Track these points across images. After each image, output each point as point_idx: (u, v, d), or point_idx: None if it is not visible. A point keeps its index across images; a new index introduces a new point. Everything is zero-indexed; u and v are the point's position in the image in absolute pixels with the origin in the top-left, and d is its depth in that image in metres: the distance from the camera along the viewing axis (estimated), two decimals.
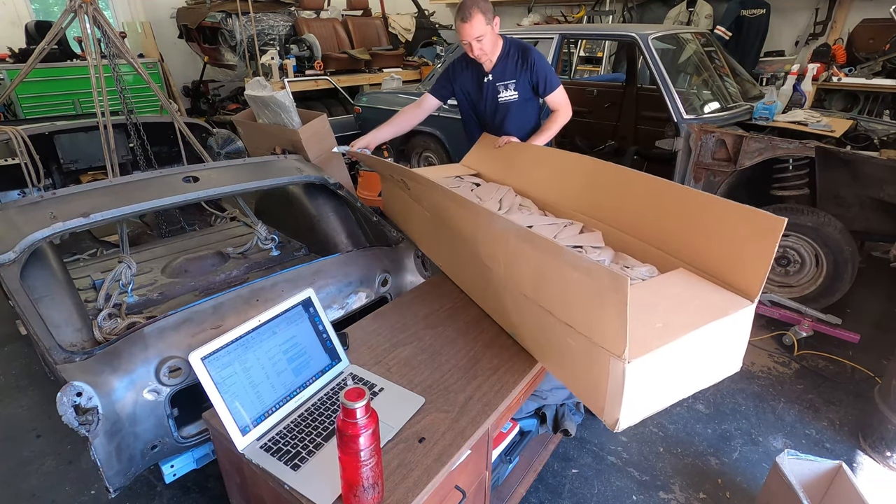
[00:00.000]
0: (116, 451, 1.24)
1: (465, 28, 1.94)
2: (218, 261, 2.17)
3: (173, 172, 1.92)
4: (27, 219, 1.55)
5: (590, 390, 1.06)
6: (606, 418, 1.03)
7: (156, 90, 2.77)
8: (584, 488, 1.78)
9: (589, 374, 1.04)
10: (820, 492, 1.52)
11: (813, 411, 2.08)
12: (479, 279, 1.49)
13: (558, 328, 1.10)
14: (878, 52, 4.43)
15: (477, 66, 2.16)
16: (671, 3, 5.45)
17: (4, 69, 4.55)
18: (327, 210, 2.23)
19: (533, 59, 2.09)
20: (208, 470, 1.69)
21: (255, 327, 1.14)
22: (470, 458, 1.14)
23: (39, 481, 1.81)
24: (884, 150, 2.39)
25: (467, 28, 1.93)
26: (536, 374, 1.33)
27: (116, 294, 1.74)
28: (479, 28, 1.93)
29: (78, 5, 2.39)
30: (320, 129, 3.22)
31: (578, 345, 1.04)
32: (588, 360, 1.03)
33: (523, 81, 2.12)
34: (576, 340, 1.04)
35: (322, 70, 5.36)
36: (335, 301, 1.71)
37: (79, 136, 3.03)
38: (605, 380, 0.99)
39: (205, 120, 5.47)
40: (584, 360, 1.05)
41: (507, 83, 2.13)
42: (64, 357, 1.27)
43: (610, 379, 0.97)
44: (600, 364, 0.98)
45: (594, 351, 0.99)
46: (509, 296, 1.31)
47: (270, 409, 1.11)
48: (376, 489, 0.91)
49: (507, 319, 1.41)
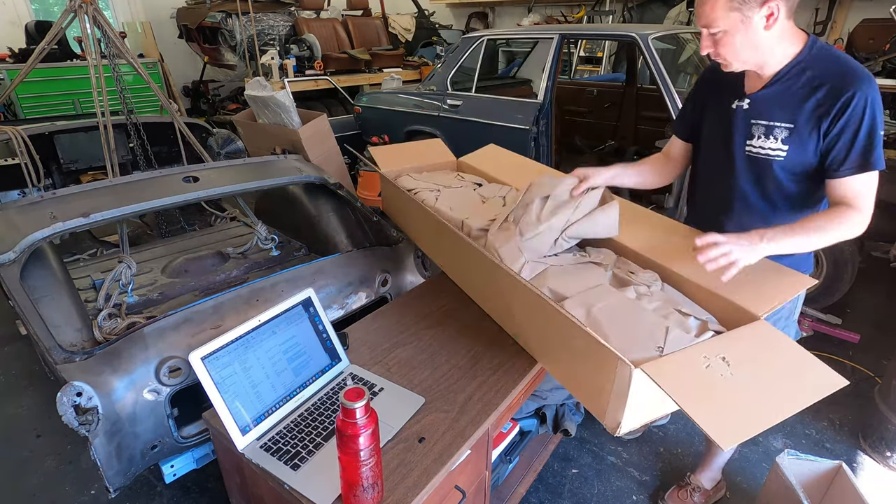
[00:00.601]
0: (116, 451, 1.24)
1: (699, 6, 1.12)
2: (218, 261, 2.17)
3: (173, 172, 1.92)
4: (27, 219, 1.55)
5: (592, 393, 1.07)
6: (608, 422, 1.03)
7: (156, 90, 2.77)
8: (584, 488, 1.78)
9: (594, 377, 1.04)
10: (820, 492, 1.52)
11: (813, 411, 2.08)
12: (482, 279, 1.49)
13: (566, 329, 1.10)
14: (878, 52, 4.43)
15: (734, 81, 1.25)
16: (671, 3, 5.45)
17: (4, 69, 4.55)
18: (327, 210, 2.23)
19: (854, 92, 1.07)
20: (208, 470, 1.69)
21: (255, 327, 1.14)
22: (470, 458, 1.14)
23: (39, 481, 1.81)
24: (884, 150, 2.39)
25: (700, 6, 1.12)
26: (536, 374, 1.33)
27: (116, 294, 1.74)
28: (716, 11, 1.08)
29: (78, 5, 2.39)
30: (320, 129, 3.23)
31: (586, 346, 1.04)
32: (594, 363, 1.03)
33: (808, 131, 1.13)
34: (583, 342, 1.04)
35: (322, 70, 5.36)
36: (335, 301, 1.71)
37: (79, 136, 3.03)
38: (609, 383, 0.99)
39: (205, 120, 5.47)
40: (589, 363, 1.05)
41: (773, 124, 1.17)
42: (64, 357, 1.27)
43: (615, 382, 0.97)
44: (607, 367, 0.98)
45: (601, 353, 0.99)
46: (515, 295, 1.31)
47: (270, 409, 1.11)
48: (376, 489, 0.91)
49: (509, 319, 1.41)
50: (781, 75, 1.15)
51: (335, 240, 2.18)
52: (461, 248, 1.52)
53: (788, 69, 1.14)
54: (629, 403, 0.96)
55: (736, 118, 1.23)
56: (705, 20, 1.11)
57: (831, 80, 1.09)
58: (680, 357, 0.98)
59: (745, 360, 0.97)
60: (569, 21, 6.22)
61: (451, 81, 3.71)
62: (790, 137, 1.15)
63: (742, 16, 1.06)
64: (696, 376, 0.93)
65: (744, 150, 1.22)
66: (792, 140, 1.15)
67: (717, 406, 0.87)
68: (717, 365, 0.95)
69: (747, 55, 1.13)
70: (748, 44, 1.10)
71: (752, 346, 1.02)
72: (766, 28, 1.08)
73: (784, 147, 1.16)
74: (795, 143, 1.15)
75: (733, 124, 1.24)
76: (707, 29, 1.12)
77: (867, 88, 1.07)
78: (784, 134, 1.16)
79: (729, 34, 1.09)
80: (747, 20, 1.07)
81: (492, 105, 3.48)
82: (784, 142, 1.16)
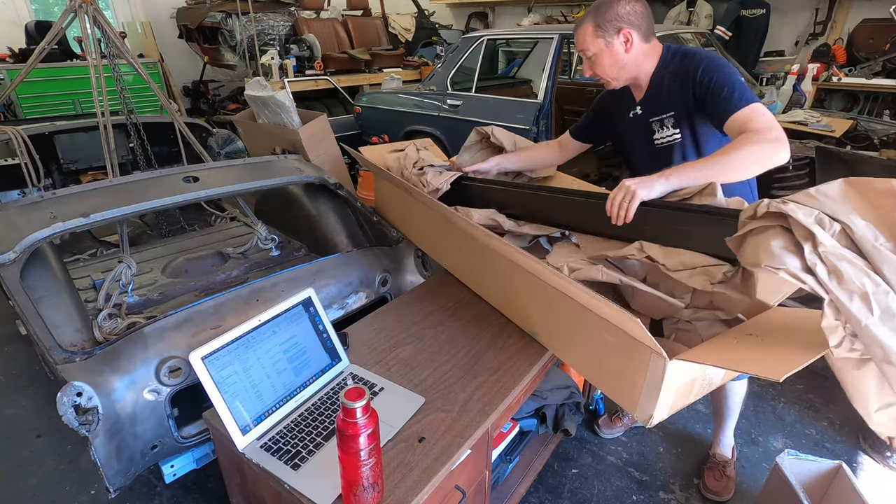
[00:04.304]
0: (116, 451, 1.24)
1: (575, 35, 1.44)
2: (218, 261, 2.17)
3: (173, 172, 1.92)
4: (27, 219, 1.55)
5: (622, 386, 1.07)
6: (639, 414, 1.03)
7: (156, 90, 2.77)
8: (584, 488, 1.78)
9: (624, 370, 1.05)
10: (820, 492, 1.52)
11: (813, 411, 2.08)
12: (494, 275, 1.49)
13: (594, 324, 1.10)
14: (878, 52, 4.43)
15: (627, 95, 1.53)
16: (671, 3, 5.46)
17: (4, 69, 4.55)
18: (327, 210, 2.23)
19: (696, 66, 1.34)
20: (208, 470, 1.69)
21: (256, 327, 1.14)
22: (470, 458, 1.14)
23: (39, 481, 1.81)
24: (884, 150, 2.40)
25: (575, 36, 1.44)
26: (536, 374, 1.33)
27: (116, 294, 1.74)
28: (587, 39, 1.39)
29: (78, 5, 2.39)
30: (320, 129, 3.22)
31: (617, 340, 1.05)
32: (626, 356, 1.04)
33: (687, 108, 1.39)
34: (614, 336, 1.05)
35: (322, 70, 5.36)
36: (335, 301, 1.71)
37: (79, 136, 3.03)
38: (642, 376, 0.99)
39: (205, 120, 5.46)
40: (620, 356, 1.06)
41: (662, 117, 1.44)
42: (64, 357, 1.27)
43: (648, 375, 0.98)
44: (639, 360, 0.99)
45: (633, 346, 1.00)
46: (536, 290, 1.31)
47: (271, 409, 1.11)
48: (376, 489, 0.91)
49: (524, 314, 1.41)
50: (652, 81, 1.45)
51: (335, 240, 2.17)
52: (469, 242, 1.52)
53: (655, 74, 1.44)
54: (662, 395, 0.97)
55: (637, 123, 1.52)
56: (580, 46, 1.42)
57: (682, 69, 1.38)
58: (709, 343, 1.01)
59: (772, 334, 0.99)
60: (569, 21, 6.23)
61: (450, 81, 3.71)
62: (677, 122, 1.43)
63: (605, 42, 1.38)
64: (732, 349, 0.96)
65: (654, 144, 1.49)
66: (679, 123, 1.42)
67: (758, 358, 0.90)
68: (747, 340, 0.98)
69: (618, 73, 1.43)
70: (615, 64, 1.41)
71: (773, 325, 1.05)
72: (627, 51, 1.38)
73: (676, 131, 1.44)
74: (682, 124, 1.42)
75: (639, 128, 1.52)
76: (583, 54, 1.43)
77: (705, 58, 1.35)
78: (671, 121, 1.44)
79: (599, 56, 1.40)
80: (610, 45, 1.38)
81: (492, 105, 3.49)
82: (674, 126, 1.44)
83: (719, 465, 1.77)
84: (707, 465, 1.80)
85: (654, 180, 1.21)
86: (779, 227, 0.88)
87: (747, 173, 1.22)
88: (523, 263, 1.29)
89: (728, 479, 1.74)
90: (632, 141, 1.57)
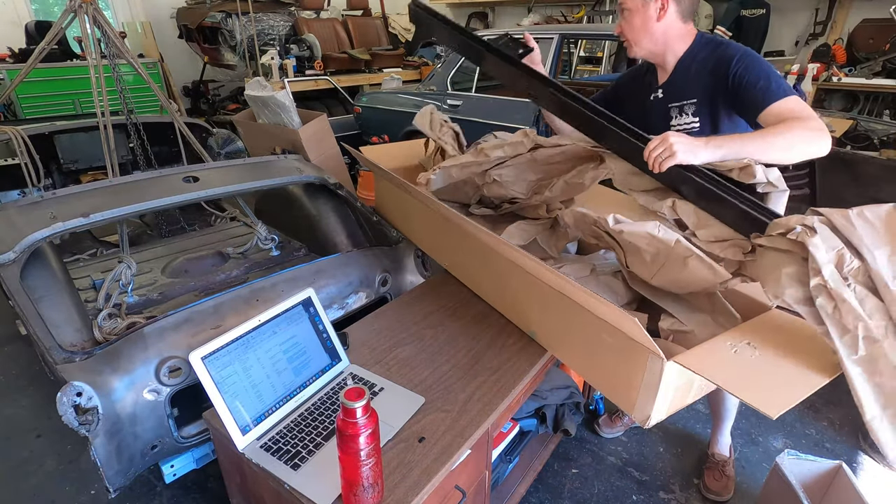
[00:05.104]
0: (116, 451, 1.24)
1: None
2: (218, 261, 2.17)
3: (173, 172, 1.92)
4: (27, 219, 1.55)
5: (620, 387, 1.08)
6: (637, 414, 1.03)
7: (156, 90, 2.77)
8: (584, 488, 1.78)
9: (622, 371, 1.05)
10: (820, 492, 1.52)
11: (813, 411, 2.08)
12: (493, 274, 1.49)
13: (591, 324, 1.10)
14: (878, 52, 4.43)
15: (650, 76, 1.52)
16: None
17: (4, 69, 4.55)
18: (327, 210, 2.23)
19: (731, 56, 1.31)
20: (208, 470, 1.69)
21: (256, 327, 1.14)
22: (470, 458, 1.14)
23: (39, 481, 1.81)
24: (884, 150, 2.40)
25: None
26: (536, 374, 1.33)
27: (116, 294, 1.74)
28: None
29: (78, 5, 2.39)
30: (320, 129, 3.23)
31: (615, 341, 1.05)
32: (623, 357, 1.04)
33: (712, 97, 1.37)
34: (612, 336, 1.05)
35: (322, 70, 5.36)
36: (335, 301, 1.70)
37: (79, 136, 3.03)
38: (639, 376, 1.00)
39: (205, 120, 5.46)
40: (618, 357, 1.06)
41: (683, 103, 1.42)
42: (64, 357, 1.27)
43: (646, 375, 0.98)
44: (636, 360, 0.99)
45: (631, 347, 1.00)
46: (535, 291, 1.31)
47: (271, 409, 1.11)
48: (376, 489, 0.91)
49: (522, 314, 1.41)
50: (679, 64, 1.42)
51: (335, 240, 2.17)
52: (468, 241, 1.51)
53: (684, 59, 1.41)
54: (659, 396, 0.97)
55: (657, 107, 1.49)
56: None
57: (714, 57, 1.36)
58: (707, 346, 1.01)
59: (769, 342, 1.00)
60: (569, 21, 6.23)
61: (451, 81, 3.71)
62: (698, 110, 1.41)
63: (642, 1, 1.36)
64: (728, 361, 0.96)
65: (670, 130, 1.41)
66: (700, 112, 1.40)
67: (755, 383, 0.91)
68: (744, 349, 0.98)
69: (643, 38, 1.41)
70: (644, 27, 1.39)
71: (771, 331, 1.05)
72: (658, 20, 1.37)
73: (696, 119, 1.42)
74: (703, 113, 1.40)
75: (657, 112, 1.49)
76: (622, 5, 1.41)
77: (740, 49, 1.33)
78: (692, 108, 1.42)
79: (631, 13, 1.39)
80: (646, 5, 1.36)
81: (492, 105, 3.48)
82: (694, 114, 1.42)
83: (718, 464, 1.78)
84: (706, 465, 1.81)
85: (702, 147, 1.17)
86: (797, 255, 0.93)
87: (791, 157, 1.19)
88: (522, 263, 1.28)
89: (728, 478, 1.74)
90: (647, 124, 1.45)
